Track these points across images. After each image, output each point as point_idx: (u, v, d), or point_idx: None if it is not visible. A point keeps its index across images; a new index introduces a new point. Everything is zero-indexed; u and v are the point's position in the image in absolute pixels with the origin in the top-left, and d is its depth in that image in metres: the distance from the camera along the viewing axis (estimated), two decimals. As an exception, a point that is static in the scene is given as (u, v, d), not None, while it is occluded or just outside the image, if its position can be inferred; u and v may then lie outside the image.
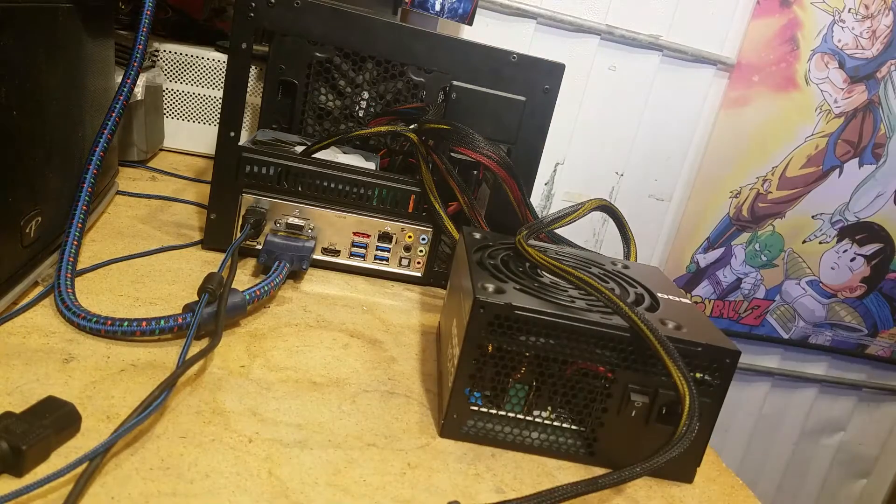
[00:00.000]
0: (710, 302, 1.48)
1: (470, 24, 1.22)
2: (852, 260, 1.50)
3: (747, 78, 1.34)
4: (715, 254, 1.44)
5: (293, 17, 0.59)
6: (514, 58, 0.64)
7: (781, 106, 1.37)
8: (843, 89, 1.37)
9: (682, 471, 0.43)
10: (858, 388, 1.65)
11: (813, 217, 1.45)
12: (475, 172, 0.68)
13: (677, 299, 0.48)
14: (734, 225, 1.43)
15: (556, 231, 0.65)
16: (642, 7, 1.30)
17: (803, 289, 1.51)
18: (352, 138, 0.73)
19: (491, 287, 0.41)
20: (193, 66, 0.86)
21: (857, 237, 1.48)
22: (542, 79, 0.65)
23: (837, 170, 1.43)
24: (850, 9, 1.33)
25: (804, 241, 1.47)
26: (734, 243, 1.44)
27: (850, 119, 1.39)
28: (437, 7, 1.20)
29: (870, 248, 1.49)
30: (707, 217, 1.42)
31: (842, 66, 1.36)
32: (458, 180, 0.63)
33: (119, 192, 0.68)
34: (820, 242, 1.47)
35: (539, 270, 0.49)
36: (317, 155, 0.65)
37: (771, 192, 1.42)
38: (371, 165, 0.69)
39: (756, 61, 1.34)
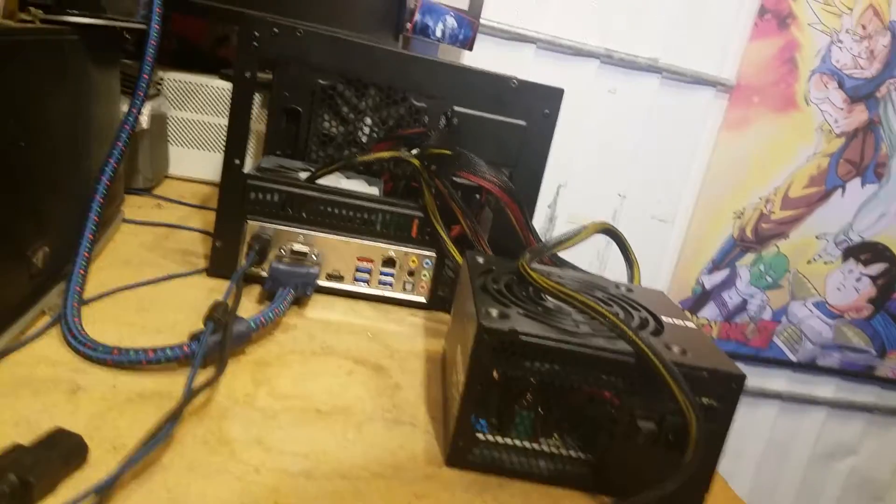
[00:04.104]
0: (716, 324, 1.47)
1: (470, 49, 1.24)
2: (858, 280, 1.49)
3: (747, 99, 1.35)
4: (720, 275, 1.44)
5: (296, 45, 0.59)
6: (514, 83, 0.65)
7: (782, 126, 1.37)
8: (843, 109, 1.38)
9: (691, 498, 0.43)
10: (868, 411, 1.63)
11: (817, 237, 1.45)
12: (478, 196, 0.68)
13: (682, 323, 0.48)
14: (738, 246, 1.43)
15: (559, 254, 0.65)
16: (640, 30, 1.31)
17: (809, 310, 1.50)
18: (355, 164, 0.73)
19: (495, 312, 0.41)
20: (198, 94, 0.87)
21: (861, 257, 1.48)
22: (542, 103, 0.65)
23: (840, 189, 1.43)
24: (847, 29, 1.34)
25: (809, 262, 1.47)
26: (739, 264, 1.44)
27: (851, 139, 1.40)
28: (438, 33, 1.21)
29: (875, 268, 1.49)
30: (711, 238, 1.42)
31: (841, 86, 1.37)
32: (460, 204, 0.63)
33: (125, 220, 0.69)
34: (825, 263, 1.47)
35: (543, 295, 0.49)
36: (320, 181, 0.65)
37: (774, 213, 1.43)
38: (374, 190, 0.69)
39: (755, 82, 1.35)
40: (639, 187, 1.40)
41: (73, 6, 0.49)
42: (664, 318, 0.48)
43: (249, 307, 0.57)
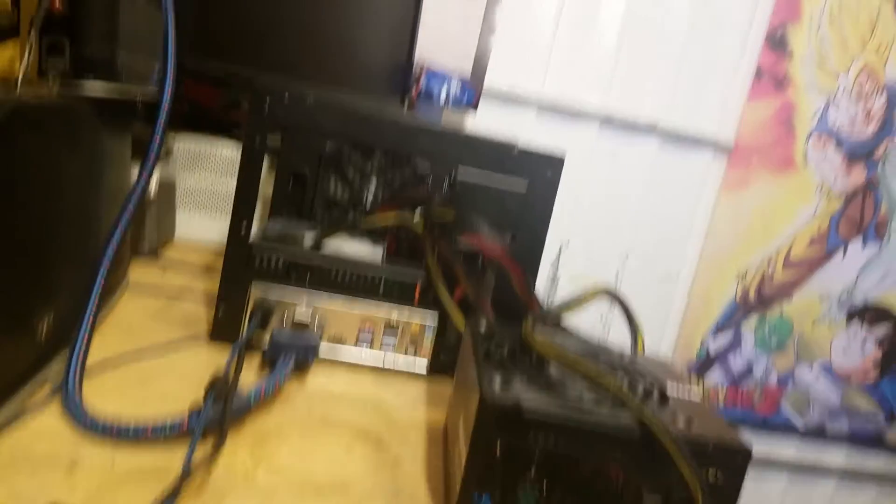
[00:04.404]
0: (722, 388, 1.45)
1: (474, 110, 1.27)
2: (863, 343, 1.48)
3: (746, 159, 1.37)
4: (724, 337, 1.43)
5: (305, 114, 0.61)
6: (515, 150, 0.66)
7: (781, 186, 1.39)
8: (841, 169, 1.40)
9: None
10: (879, 480, 1.59)
11: (820, 299, 1.45)
12: (480, 259, 0.68)
13: (687, 393, 0.47)
14: (742, 308, 1.43)
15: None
16: (639, 93, 1.34)
17: (816, 374, 1.48)
18: (360, 227, 0.74)
19: (498, 383, 0.41)
20: (207, 157, 0.89)
21: (866, 319, 1.47)
22: (544, 169, 0.67)
23: (841, 250, 1.43)
24: (843, 89, 1.37)
25: (813, 324, 1.46)
26: (743, 327, 1.43)
27: (850, 199, 1.41)
28: (443, 96, 1.24)
29: (880, 331, 1.48)
30: (714, 300, 1.42)
31: (839, 146, 1.39)
32: (463, 268, 0.64)
33: (129, 286, 0.69)
34: (829, 325, 1.46)
35: (547, 362, 0.48)
36: (325, 244, 0.66)
37: (777, 274, 1.43)
38: (377, 252, 0.70)
39: (754, 143, 1.37)
40: (642, 247, 1.40)
41: (89, 71, 0.50)
42: (669, 387, 0.48)
43: (251, 375, 0.56)
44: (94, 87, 0.51)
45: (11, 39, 0.41)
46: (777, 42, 1.33)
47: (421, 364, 0.65)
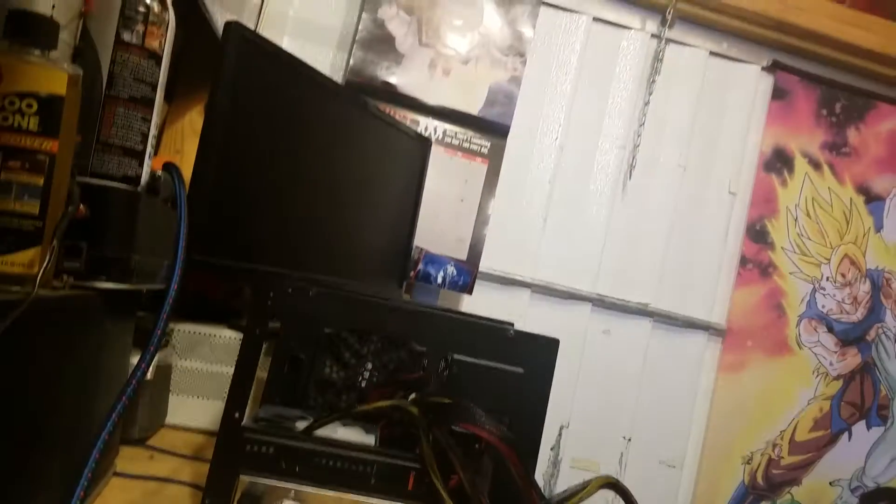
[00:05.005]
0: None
1: (469, 293, 1.31)
2: (880, 533, 1.39)
3: (741, 343, 1.39)
4: (735, 528, 1.35)
5: (307, 304, 0.64)
6: (510, 333, 0.68)
7: (778, 369, 1.39)
8: (836, 352, 1.41)
9: None
10: None
11: (831, 484, 1.39)
12: (477, 445, 0.67)
13: None
14: (751, 494, 1.36)
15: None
16: (630, 277, 1.40)
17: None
18: (354, 414, 0.73)
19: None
20: (205, 344, 0.90)
21: (880, 508, 1.40)
22: (539, 351, 0.68)
23: (846, 433, 1.40)
24: (827, 277, 1.42)
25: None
26: (754, 516, 1.36)
27: (849, 381, 1.41)
28: (439, 280, 1.29)
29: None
30: (722, 485, 1.36)
31: (831, 330, 1.41)
32: (459, 457, 0.62)
33: (115, 474, 0.67)
34: (844, 512, 1.39)
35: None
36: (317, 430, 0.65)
37: (783, 458, 1.38)
38: (370, 439, 0.68)
39: (746, 326, 1.39)
40: (643, 430, 1.37)
41: (104, 272, 0.53)
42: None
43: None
44: (107, 285, 0.53)
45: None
46: (757, 234, 1.41)
47: (414, 564, 0.61)
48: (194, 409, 0.90)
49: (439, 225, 1.29)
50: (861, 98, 1.45)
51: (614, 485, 0.62)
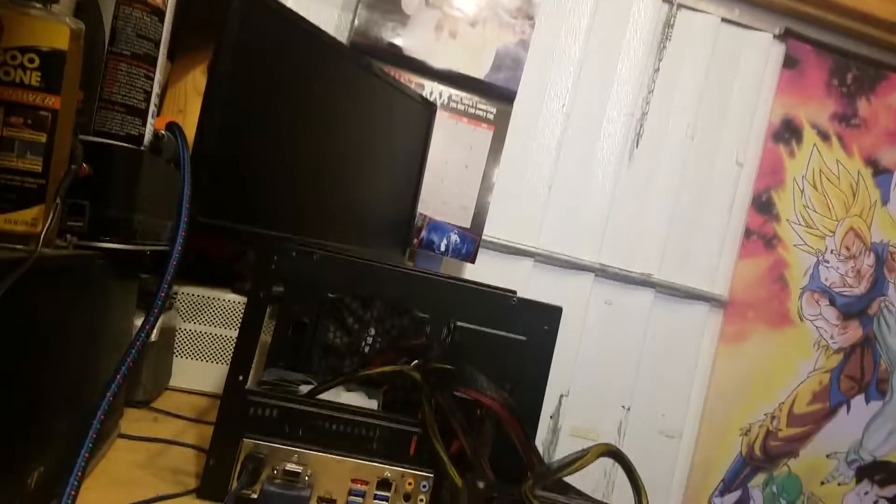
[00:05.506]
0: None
1: (472, 262, 1.30)
2: (875, 503, 1.41)
3: (742, 314, 1.39)
4: (732, 497, 1.37)
5: (311, 267, 0.63)
6: (513, 301, 0.68)
7: (779, 341, 1.39)
8: (837, 325, 1.41)
9: None
10: None
11: (828, 456, 1.40)
12: (479, 411, 0.67)
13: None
14: (748, 465, 1.38)
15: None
16: (633, 247, 1.39)
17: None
18: (357, 378, 0.74)
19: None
20: (209, 307, 0.90)
21: (876, 478, 1.41)
22: (542, 320, 0.67)
23: (845, 406, 1.41)
24: (832, 250, 1.42)
25: (822, 483, 1.40)
26: (751, 485, 1.37)
27: (849, 354, 1.41)
28: (442, 248, 1.29)
29: (891, 490, 1.42)
30: (720, 456, 1.37)
31: (833, 303, 1.41)
32: (461, 422, 0.62)
33: (120, 435, 0.68)
34: (839, 484, 1.40)
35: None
36: (321, 394, 0.65)
37: (781, 430, 1.39)
38: (373, 403, 0.69)
39: (748, 298, 1.39)
40: (642, 399, 1.38)
41: (107, 231, 0.52)
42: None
43: (237, 533, 0.53)
44: (110, 244, 0.53)
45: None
46: (763, 205, 1.40)
47: (415, 526, 0.62)
48: (198, 371, 0.91)
49: (443, 192, 1.28)
50: (873, 68, 1.43)
51: (614, 453, 0.62)
